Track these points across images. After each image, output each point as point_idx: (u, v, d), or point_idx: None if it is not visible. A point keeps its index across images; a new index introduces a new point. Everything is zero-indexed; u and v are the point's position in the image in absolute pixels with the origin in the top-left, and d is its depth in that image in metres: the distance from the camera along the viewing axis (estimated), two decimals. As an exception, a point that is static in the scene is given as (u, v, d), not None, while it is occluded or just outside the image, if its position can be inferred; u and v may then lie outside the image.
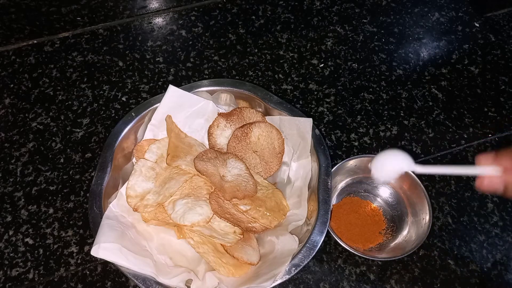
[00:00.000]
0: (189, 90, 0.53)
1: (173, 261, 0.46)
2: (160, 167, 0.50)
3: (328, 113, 0.63)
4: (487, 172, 0.39)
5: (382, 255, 0.50)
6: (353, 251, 0.48)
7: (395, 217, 0.54)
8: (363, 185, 0.56)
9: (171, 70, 0.66)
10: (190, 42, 0.69)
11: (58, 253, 0.51)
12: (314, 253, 0.43)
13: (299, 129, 0.51)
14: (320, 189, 0.47)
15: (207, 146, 0.54)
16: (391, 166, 0.43)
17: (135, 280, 0.42)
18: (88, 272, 0.50)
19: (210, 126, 0.53)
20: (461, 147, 0.61)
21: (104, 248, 0.42)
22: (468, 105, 0.64)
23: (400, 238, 0.52)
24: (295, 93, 0.64)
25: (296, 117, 0.51)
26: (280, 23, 0.71)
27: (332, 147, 0.60)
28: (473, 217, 0.55)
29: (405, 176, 0.53)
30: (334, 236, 0.48)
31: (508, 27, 0.73)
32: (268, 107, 0.53)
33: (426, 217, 0.50)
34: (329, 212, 0.45)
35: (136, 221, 0.47)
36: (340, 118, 0.63)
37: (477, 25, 0.73)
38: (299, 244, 0.45)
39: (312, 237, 0.44)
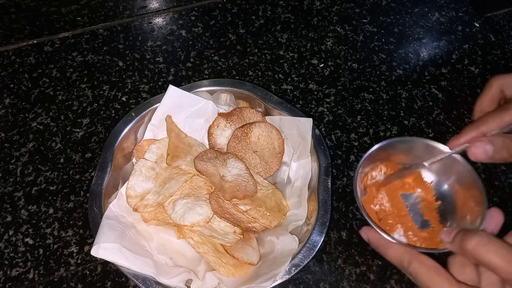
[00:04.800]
0: (189, 90, 0.53)
1: (173, 261, 0.46)
2: (160, 167, 0.50)
3: (328, 113, 0.63)
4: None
5: None
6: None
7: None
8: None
9: (171, 70, 0.66)
10: (190, 42, 0.69)
11: (58, 253, 0.51)
12: (314, 253, 0.43)
13: (299, 129, 0.51)
14: (320, 189, 0.47)
15: (207, 146, 0.54)
16: None
17: (135, 280, 0.42)
18: (88, 272, 0.50)
19: (210, 126, 0.53)
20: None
21: (104, 248, 0.42)
22: (468, 105, 0.64)
23: None
24: (295, 93, 0.64)
25: (296, 117, 0.51)
26: (280, 23, 0.71)
27: (332, 147, 0.60)
28: (473, 217, 0.55)
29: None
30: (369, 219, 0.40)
31: (508, 27, 0.73)
32: (268, 107, 0.54)
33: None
34: (329, 212, 0.45)
35: (136, 221, 0.47)
36: (340, 118, 0.63)
37: (477, 25, 0.73)
38: (299, 244, 0.45)
39: (312, 237, 0.44)
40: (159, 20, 0.71)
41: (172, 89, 0.51)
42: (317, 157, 0.49)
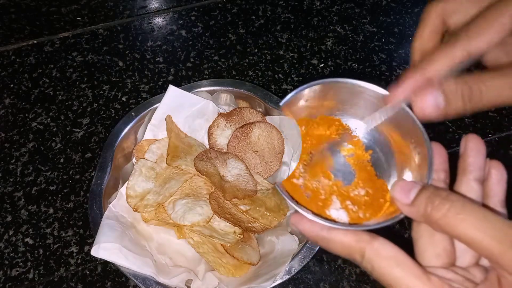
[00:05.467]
0: (189, 90, 0.53)
1: (173, 261, 0.46)
2: (160, 167, 0.50)
3: (328, 113, 0.63)
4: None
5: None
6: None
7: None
8: None
9: (171, 70, 0.66)
10: (190, 42, 0.69)
11: (58, 253, 0.51)
12: (314, 253, 0.44)
13: (299, 129, 0.51)
14: (320, 189, 0.47)
15: (207, 146, 0.54)
16: None
17: (135, 280, 0.42)
18: (88, 272, 0.50)
19: (210, 126, 0.53)
20: (461, 147, 0.61)
21: (104, 248, 0.42)
22: (468, 105, 0.64)
23: None
24: (295, 93, 0.64)
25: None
26: (280, 23, 0.71)
27: (332, 147, 0.60)
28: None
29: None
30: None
31: (508, 27, 0.73)
32: (268, 107, 0.53)
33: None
34: (329, 212, 0.45)
35: (136, 221, 0.47)
36: (340, 118, 0.63)
37: (477, 25, 0.73)
38: (299, 244, 0.45)
39: (312, 237, 0.44)
40: (159, 20, 0.71)
41: (172, 89, 0.51)
42: (317, 157, 0.49)
